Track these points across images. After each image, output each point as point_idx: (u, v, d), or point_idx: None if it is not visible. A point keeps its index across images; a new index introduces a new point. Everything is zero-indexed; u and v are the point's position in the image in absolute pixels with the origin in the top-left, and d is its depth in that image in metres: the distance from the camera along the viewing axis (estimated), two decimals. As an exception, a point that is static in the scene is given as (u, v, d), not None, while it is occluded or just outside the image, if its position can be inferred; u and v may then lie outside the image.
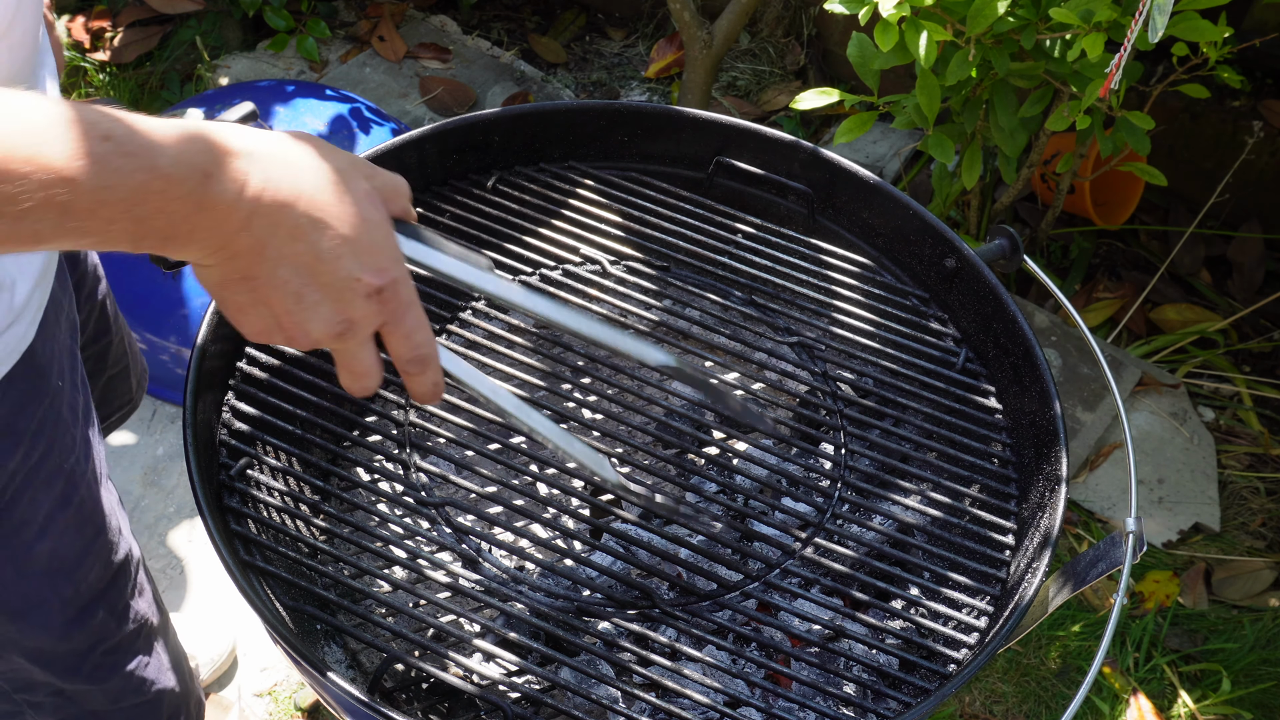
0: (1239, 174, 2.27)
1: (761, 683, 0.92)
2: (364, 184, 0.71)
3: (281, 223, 0.65)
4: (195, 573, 1.91)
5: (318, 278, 0.66)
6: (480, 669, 0.91)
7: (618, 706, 0.90)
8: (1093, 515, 2.02)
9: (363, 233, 0.68)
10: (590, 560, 0.98)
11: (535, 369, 1.09)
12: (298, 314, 0.67)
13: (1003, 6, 1.56)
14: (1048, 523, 1.01)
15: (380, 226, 0.70)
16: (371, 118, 2.30)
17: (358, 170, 0.72)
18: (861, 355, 1.14)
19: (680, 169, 1.29)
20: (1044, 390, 1.08)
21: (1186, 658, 1.88)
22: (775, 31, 2.76)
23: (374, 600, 0.96)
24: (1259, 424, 2.16)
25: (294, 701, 1.78)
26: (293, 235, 0.65)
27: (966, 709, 1.82)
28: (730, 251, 1.20)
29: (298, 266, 0.66)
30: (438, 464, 1.10)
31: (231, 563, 0.90)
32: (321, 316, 0.68)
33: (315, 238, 0.66)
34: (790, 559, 1.01)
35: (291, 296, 0.67)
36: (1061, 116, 1.73)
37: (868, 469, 1.09)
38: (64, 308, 0.98)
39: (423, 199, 1.22)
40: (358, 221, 0.68)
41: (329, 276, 0.67)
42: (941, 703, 0.90)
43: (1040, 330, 2.18)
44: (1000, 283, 1.15)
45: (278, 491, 1.01)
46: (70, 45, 2.71)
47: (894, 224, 1.23)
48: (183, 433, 0.95)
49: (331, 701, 0.96)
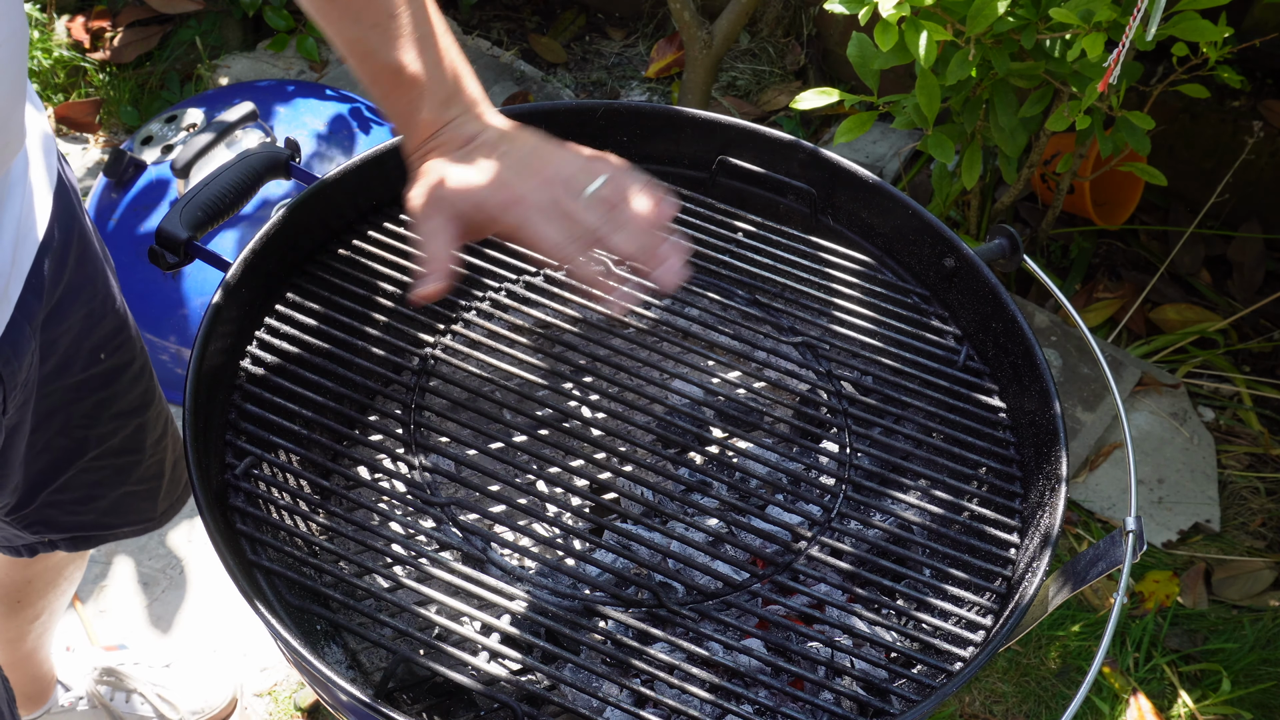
0: (1239, 174, 2.27)
1: (769, 681, 0.93)
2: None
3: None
4: (195, 573, 1.91)
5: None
6: (486, 668, 0.91)
7: (624, 705, 0.90)
8: (1092, 515, 2.02)
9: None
10: (594, 559, 0.98)
11: (537, 368, 1.09)
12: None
13: (1003, 6, 1.56)
14: (1048, 522, 1.01)
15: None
16: (371, 118, 2.30)
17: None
18: (863, 353, 1.15)
19: (681, 169, 1.29)
20: (1044, 390, 1.08)
21: (1186, 658, 1.88)
22: (775, 31, 2.76)
23: (378, 599, 0.96)
24: (1259, 424, 2.17)
25: (294, 701, 1.78)
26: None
27: (966, 709, 1.82)
28: (732, 250, 1.20)
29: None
30: (440, 463, 1.10)
31: (232, 562, 0.90)
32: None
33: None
34: (797, 558, 1.01)
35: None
36: (1061, 116, 1.74)
37: (872, 467, 1.09)
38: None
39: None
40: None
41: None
42: (942, 702, 0.91)
43: (1040, 330, 2.18)
44: (1000, 283, 1.15)
45: (282, 490, 1.01)
46: (70, 45, 2.71)
47: (894, 223, 1.23)
48: (182, 433, 0.95)
49: (332, 702, 0.96)
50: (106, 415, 1.13)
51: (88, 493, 1.18)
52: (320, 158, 2.18)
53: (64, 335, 1.02)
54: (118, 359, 1.12)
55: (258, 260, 1.06)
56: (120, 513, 1.26)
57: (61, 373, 1.05)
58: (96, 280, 1.05)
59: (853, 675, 0.96)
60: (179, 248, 1.05)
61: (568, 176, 0.83)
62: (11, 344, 0.90)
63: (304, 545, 1.04)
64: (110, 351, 1.10)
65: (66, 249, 0.99)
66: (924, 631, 1.00)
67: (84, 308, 1.03)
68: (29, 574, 1.40)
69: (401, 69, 0.85)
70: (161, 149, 2.15)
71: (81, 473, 1.15)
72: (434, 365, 1.08)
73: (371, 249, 1.13)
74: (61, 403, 1.07)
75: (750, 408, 1.14)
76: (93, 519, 1.22)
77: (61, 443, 1.10)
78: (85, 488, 1.17)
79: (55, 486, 1.14)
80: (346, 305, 1.08)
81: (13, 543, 1.22)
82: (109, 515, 1.24)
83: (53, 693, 1.69)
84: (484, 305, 1.15)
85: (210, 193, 1.08)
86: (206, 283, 2.08)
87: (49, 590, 1.45)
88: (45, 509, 1.15)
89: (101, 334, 1.07)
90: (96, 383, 1.10)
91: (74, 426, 1.10)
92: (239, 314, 1.05)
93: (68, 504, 1.17)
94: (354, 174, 1.14)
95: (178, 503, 1.35)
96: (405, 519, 0.99)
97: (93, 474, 1.16)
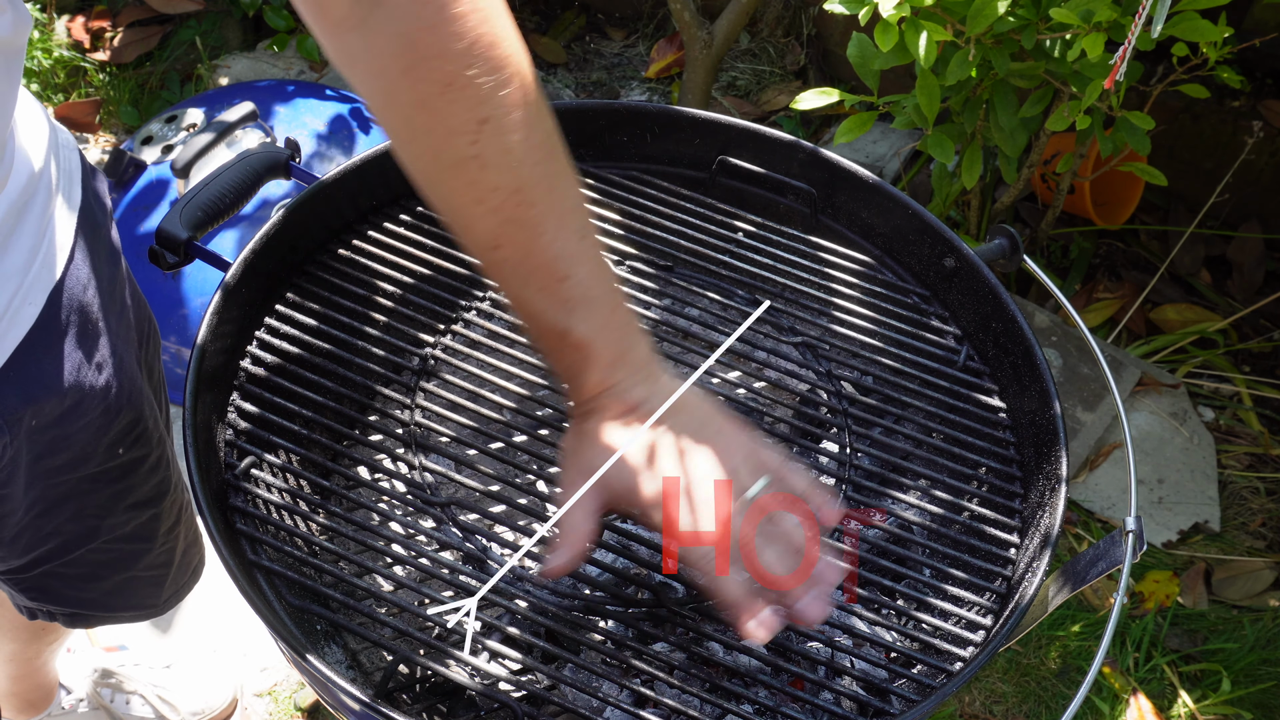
0: (1239, 174, 2.27)
1: (769, 681, 0.93)
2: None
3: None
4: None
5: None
6: (486, 668, 0.91)
7: (624, 705, 0.90)
8: (1092, 515, 2.02)
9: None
10: (594, 559, 0.98)
11: (537, 368, 1.09)
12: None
13: (1003, 6, 1.56)
14: (1048, 522, 1.01)
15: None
16: (372, 118, 2.29)
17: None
18: (863, 353, 1.15)
19: (681, 169, 1.29)
20: (1044, 390, 1.08)
21: (1186, 658, 1.88)
22: (775, 31, 2.76)
23: (378, 599, 0.96)
24: (1259, 424, 2.17)
25: (294, 701, 1.78)
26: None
27: (966, 709, 1.82)
28: (732, 250, 1.20)
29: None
30: (440, 462, 1.10)
31: (232, 562, 0.90)
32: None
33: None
34: (792, 558, 1.01)
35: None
36: (1061, 116, 1.74)
37: (871, 467, 1.09)
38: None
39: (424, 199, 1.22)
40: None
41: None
42: (942, 702, 0.91)
43: (1040, 330, 2.18)
44: (1000, 283, 1.15)
45: (282, 490, 1.01)
46: (70, 45, 2.71)
47: (894, 223, 1.23)
48: (182, 433, 0.95)
49: (332, 702, 0.96)
50: (121, 506, 1.09)
51: (92, 571, 1.14)
52: (320, 158, 2.18)
53: (81, 432, 0.98)
54: (136, 452, 1.07)
55: (258, 260, 1.06)
56: (123, 596, 1.22)
57: (76, 465, 1.00)
58: (121, 374, 0.99)
59: (853, 675, 0.96)
60: (179, 248, 1.05)
61: (730, 471, 0.77)
62: None
63: (304, 545, 1.04)
64: (128, 446, 1.05)
65: (64, 346, 0.92)
66: (924, 631, 1.00)
67: (101, 404, 0.97)
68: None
69: (568, 334, 0.80)
70: (161, 149, 2.15)
71: (89, 553, 1.11)
72: (434, 365, 1.08)
73: (371, 249, 1.13)
74: (73, 492, 1.03)
75: (750, 408, 1.14)
76: (94, 598, 1.18)
77: (72, 528, 1.07)
78: (90, 566, 1.13)
79: (61, 561, 1.10)
80: (346, 305, 1.08)
81: (15, 601, 1.19)
82: (111, 596, 1.19)
83: (55, 696, 1.69)
84: (484, 305, 1.15)
85: (210, 193, 1.08)
86: (206, 283, 2.08)
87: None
88: (46, 579, 1.11)
89: (119, 429, 1.02)
90: (113, 475, 1.06)
91: (87, 515, 1.07)
92: (239, 314, 1.05)
93: (72, 579, 1.13)
94: (354, 174, 1.14)
95: (182, 589, 1.31)
96: (405, 519, 0.99)
97: (101, 555, 1.12)
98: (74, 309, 0.93)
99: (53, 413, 0.92)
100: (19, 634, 1.44)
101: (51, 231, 0.90)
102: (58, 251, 0.91)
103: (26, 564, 1.09)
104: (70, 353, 0.93)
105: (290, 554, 0.95)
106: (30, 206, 0.88)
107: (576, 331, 0.79)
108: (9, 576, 1.11)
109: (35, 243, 0.88)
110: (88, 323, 0.95)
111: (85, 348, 0.94)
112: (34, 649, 1.49)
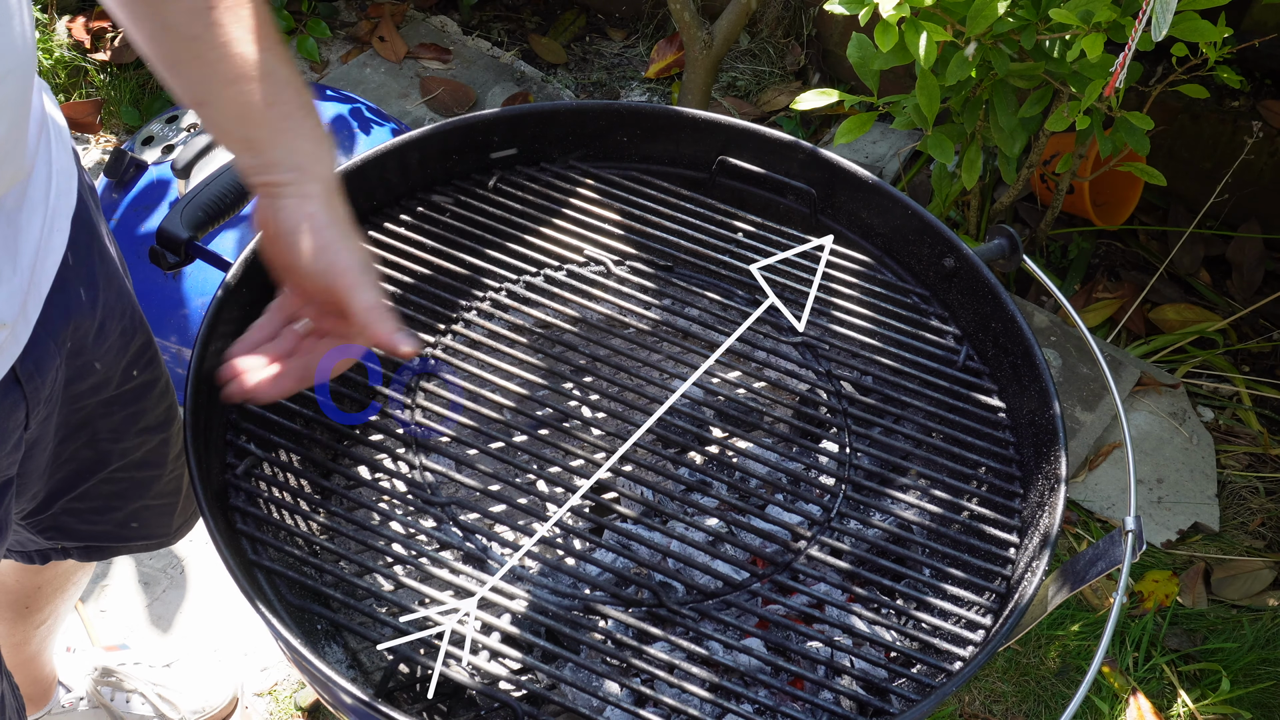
0: (1238, 174, 2.27)
1: (769, 680, 0.93)
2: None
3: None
4: (196, 572, 1.91)
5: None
6: (486, 667, 0.91)
7: (624, 704, 0.90)
8: (1092, 515, 2.02)
9: None
10: (594, 559, 0.98)
11: (537, 368, 1.09)
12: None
13: (1003, 7, 1.56)
14: (1047, 522, 1.01)
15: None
16: (372, 118, 2.30)
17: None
18: (863, 353, 1.15)
19: (681, 169, 1.30)
20: (1043, 390, 1.08)
21: (1186, 657, 1.88)
22: (775, 32, 2.76)
23: (378, 599, 0.96)
24: (1258, 424, 2.17)
25: (294, 701, 1.79)
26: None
27: (966, 708, 1.82)
28: (732, 250, 1.20)
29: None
30: (440, 462, 1.10)
31: (233, 562, 0.90)
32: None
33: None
34: (797, 557, 1.01)
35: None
36: (1061, 117, 1.74)
37: (871, 467, 1.09)
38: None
39: (424, 199, 1.22)
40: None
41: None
42: (942, 701, 0.91)
43: (1040, 330, 2.18)
44: (1000, 283, 1.15)
45: (282, 490, 1.01)
46: (71, 45, 2.71)
47: (893, 224, 1.23)
48: (183, 432, 0.95)
49: (333, 702, 0.96)
50: (133, 430, 1.13)
51: (105, 503, 1.18)
52: (320, 158, 2.17)
53: (105, 354, 1.02)
54: (148, 375, 1.12)
55: (258, 260, 1.06)
56: (135, 525, 1.25)
57: (98, 389, 1.05)
58: (124, 298, 1.05)
59: (852, 675, 0.96)
60: (180, 248, 1.05)
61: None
62: (35, 361, 0.90)
63: (304, 545, 1.04)
64: (142, 368, 1.10)
65: (91, 270, 0.99)
66: (924, 631, 1.01)
67: (119, 325, 1.03)
68: (39, 580, 1.40)
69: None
70: (162, 149, 2.15)
71: (101, 483, 1.14)
72: (434, 365, 1.08)
73: (371, 249, 1.13)
74: (91, 416, 1.07)
75: (750, 407, 1.14)
76: (108, 529, 1.22)
77: (86, 454, 1.10)
78: (103, 498, 1.17)
79: (74, 495, 1.13)
80: (347, 305, 1.08)
81: (26, 548, 1.22)
82: (124, 527, 1.23)
83: (54, 694, 1.69)
84: (484, 305, 1.15)
85: (211, 193, 1.09)
86: (207, 283, 2.08)
87: (56, 596, 1.45)
88: (62, 515, 1.15)
89: (134, 350, 1.07)
90: (128, 398, 1.10)
91: (100, 440, 1.10)
92: (239, 314, 1.05)
93: (85, 512, 1.17)
94: (354, 174, 1.15)
95: (192, 518, 1.35)
96: (405, 519, 0.99)
97: (112, 485, 1.16)
98: (91, 234, 0.98)
99: (85, 334, 0.97)
100: (3, 612, 1.44)
101: (56, 162, 0.94)
102: (68, 180, 0.96)
103: (44, 501, 1.11)
104: (94, 276, 0.98)
105: (291, 553, 0.95)
106: (40, 144, 0.91)
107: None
108: (26, 521, 1.14)
109: (47, 172, 0.92)
110: (102, 248, 1.01)
111: (104, 272, 1.00)
112: (21, 631, 1.49)
